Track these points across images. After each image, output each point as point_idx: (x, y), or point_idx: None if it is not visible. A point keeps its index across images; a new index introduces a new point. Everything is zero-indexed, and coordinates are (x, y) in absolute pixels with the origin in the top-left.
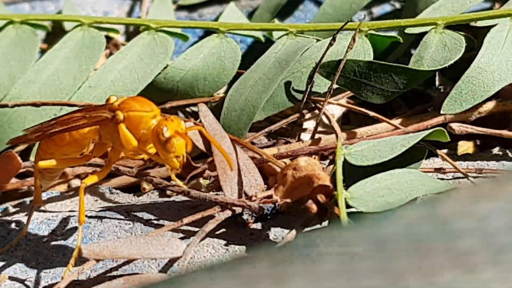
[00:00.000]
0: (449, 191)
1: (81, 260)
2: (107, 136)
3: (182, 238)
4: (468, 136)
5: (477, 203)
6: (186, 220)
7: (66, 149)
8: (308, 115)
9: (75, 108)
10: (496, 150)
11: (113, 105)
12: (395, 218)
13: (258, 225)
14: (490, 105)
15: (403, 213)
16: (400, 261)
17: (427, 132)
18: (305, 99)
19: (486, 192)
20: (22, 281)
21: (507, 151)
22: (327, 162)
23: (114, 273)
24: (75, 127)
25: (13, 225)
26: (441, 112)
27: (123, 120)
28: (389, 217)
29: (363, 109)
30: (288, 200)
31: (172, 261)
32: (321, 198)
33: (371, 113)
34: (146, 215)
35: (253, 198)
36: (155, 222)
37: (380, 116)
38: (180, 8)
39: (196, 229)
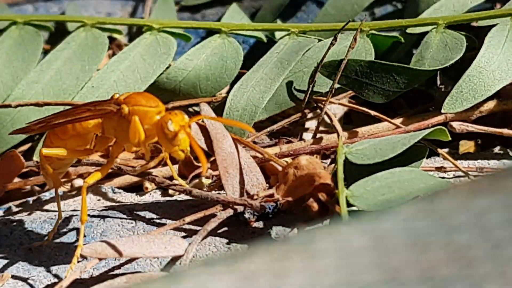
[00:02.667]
0: (447, 187)
1: (84, 259)
2: (111, 130)
3: (184, 237)
4: (469, 136)
5: (474, 198)
6: (188, 219)
7: (69, 142)
8: (310, 115)
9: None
10: (497, 149)
11: (119, 99)
12: (394, 213)
13: (260, 224)
14: (491, 105)
15: (402, 208)
16: (398, 256)
17: (428, 130)
18: (307, 99)
19: (484, 187)
20: (24, 280)
21: (508, 150)
22: (328, 161)
23: (117, 271)
24: (79, 119)
25: (15, 225)
26: (442, 111)
27: (128, 114)
28: (387, 212)
29: (364, 109)
30: (290, 199)
31: (174, 260)
32: (322, 196)
33: (373, 113)
34: (148, 214)
35: (255, 197)
36: (157, 221)
37: (381, 115)
38: (183, 9)
39: (198, 227)
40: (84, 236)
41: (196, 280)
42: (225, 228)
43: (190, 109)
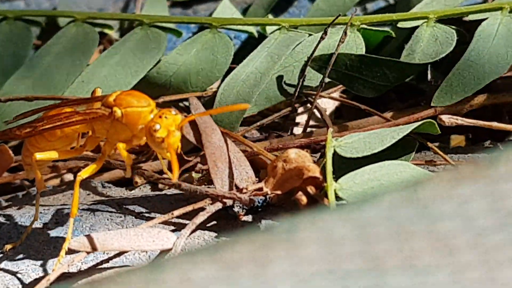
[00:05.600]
0: (430, 175)
1: (72, 253)
2: (102, 131)
3: (173, 231)
4: (460, 130)
5: (457, 186)
6: (176, 212)
7: (56, 143)
8: (300, 109)
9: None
10: (487, 143)
11: (109, 100)
12: (377, 202)
13: (249, 217)
14: (481, 98)
15: (385, 197)
16: (381, 244)
17: (417, 124)
18: (297, 93)
19: (467, 175)
20: (13, 273)
21: (498, 144)
22: (318, 155)
23: (105, 265)
24: (69, 124)
25: (4, 219)
26: (432, 104)
27: (121, 117)
28: (370, 201)
29: (354, 103)
30: (279, 192)
31: (162, 253)
32: (311, 189)
33: (363, 106)
34: (137, 208)
35: (244, 190)
36: (147, 215)
37: (371, 109)
38: (175, 4)
39: (187, 221)
40: (73, 229)
41: (179, 270)
42: (214, 222)
43: (181, 104)
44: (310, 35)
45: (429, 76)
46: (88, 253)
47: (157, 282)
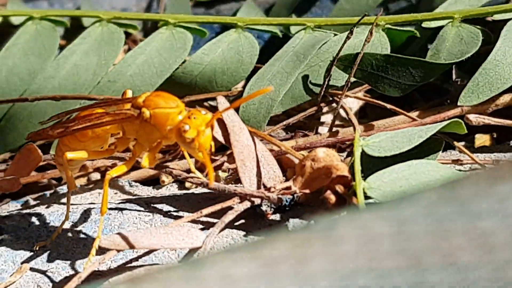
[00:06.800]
0: (468, 174)
1: (102, 251)
2: (132, 132)
3: (201, 229)
4: (485, 129)
5: (496, 184)
6: (205, 211)
7: (88, 144)
8: (325, 109)
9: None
10: None
11: (138, 101)
12: (415, 200)
13: (276, 216)
14: (507, 98)
15: (423, 195)
16: (420, 242)
17: (444, 123)
18: (322, 93)
19: (505, 174)
20: (43, 272)
21: None
22: (344, 154)
23: (135, 263)
24: (100, 124)
25: (33, 218)
26: (458, 103)
27: (149, 118)
28: (408, 199)
29: (380, 102)
30: (307, 191)
31: (192, 252)
32: (339, 188)
33: (388, 106)
34: (165, 207)
35: (272, 189)
36: (175, 213)
37: (397, 109)
38: (198, 4)
39: (216, 220)
40: (102, 228)
41: (219, 267)
42: (242, 221)
43: (206, 104)
44: (335, 35)
45: (454, 76)
46: (118, 251)
47: (197, 279)
